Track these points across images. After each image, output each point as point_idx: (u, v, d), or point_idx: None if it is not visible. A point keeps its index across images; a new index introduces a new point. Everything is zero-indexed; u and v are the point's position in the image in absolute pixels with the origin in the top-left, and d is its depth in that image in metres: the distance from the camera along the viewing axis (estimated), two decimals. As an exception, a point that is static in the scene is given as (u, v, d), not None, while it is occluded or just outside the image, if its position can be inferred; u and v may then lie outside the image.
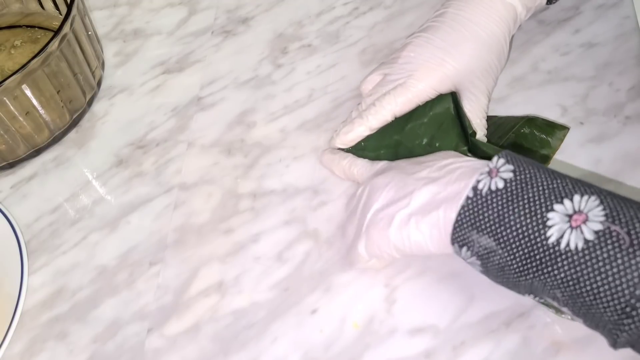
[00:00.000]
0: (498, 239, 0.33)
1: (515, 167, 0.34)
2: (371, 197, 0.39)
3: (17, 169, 0.50)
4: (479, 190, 0.34)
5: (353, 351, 0.38)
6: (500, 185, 0.33)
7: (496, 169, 0.34)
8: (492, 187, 0.33)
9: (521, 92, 0.47)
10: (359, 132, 0.44)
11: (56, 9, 0.55)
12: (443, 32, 0.44)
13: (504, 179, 0.33)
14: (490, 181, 0.34)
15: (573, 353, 0.36)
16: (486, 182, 0.34)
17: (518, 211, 0.32)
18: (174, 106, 0.52)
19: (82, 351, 0.41)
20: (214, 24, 0.58)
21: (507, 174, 0.33)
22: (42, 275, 0.44)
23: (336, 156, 0.45)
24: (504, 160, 0.34)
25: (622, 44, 0.48)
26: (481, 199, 0.33)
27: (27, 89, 0.46)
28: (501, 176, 0.34)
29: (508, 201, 0.33)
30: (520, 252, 0.32)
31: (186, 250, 0.44)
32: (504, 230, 0.32)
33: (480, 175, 0.34)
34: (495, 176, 0.34)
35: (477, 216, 0.33)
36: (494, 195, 0.33)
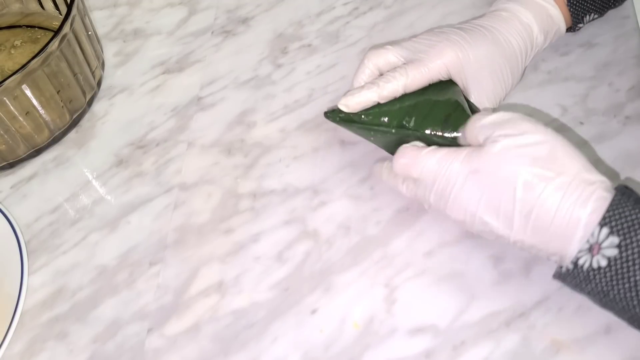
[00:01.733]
0: (603, 304, 0.32)
1: (620, 241, 0.31)
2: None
3: (17, 169, 0.50)
4: (579, 265, 0.32)
5: (353, 351, 0.38)
6: (603, 263, 0.31)
7: (598, 244, 0.31)
8: (593, 265, 0.31)
9: (521, 92, 0.47)
10: (367, 96, 0.42)
11: (56, 9, 0.55)
12: (462, 30, 0.44)
13: (607, 257, 0.31)
14: (592, 259, 0.31)
15: (573, 353, 0.36)
16: (587, 259, 0.32)
17: (624, 292, 0.31)
18: (174, 106, 0.52)
19: (82, 351, 0.41)
20: (214, 24, 0.58)
21: (611, 251, 0.31)
22: (42, 275, 0.44)
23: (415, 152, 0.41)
24: (608, 231, 0.31)
25: (622, 44, 0.48)
26: (582, 273, 0.32)
27: (27, 89, 0.46)
28: (604, 254, 0.31)
29: (612, 280, 0.31)
30: (628, 317, 0.32)
31: (186, 250, 0.44)
32: (609, 302, 0.32)
33: (579, 253, 0.32)
34: (597, 254, 0.31)
35: (579, 283, 0.33)
36: (596, 272, 0.31)
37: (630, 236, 0.31)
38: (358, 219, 0.43)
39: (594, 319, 0.36)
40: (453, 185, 0.36)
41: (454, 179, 0.36)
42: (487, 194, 0.35)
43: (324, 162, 0.46)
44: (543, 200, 0.33)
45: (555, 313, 0.37)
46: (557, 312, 0.37)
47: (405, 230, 0.42)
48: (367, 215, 0.43)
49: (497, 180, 0.35)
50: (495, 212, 0.35)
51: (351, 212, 0.44)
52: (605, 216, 0.31)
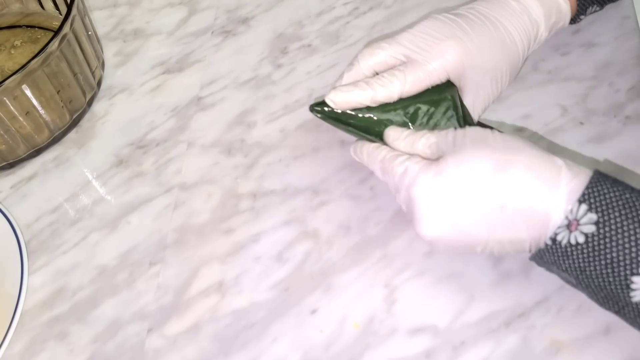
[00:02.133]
0: (579, 281, 0.32)
1: (599, 217, 0.31)
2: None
3: (17, 169, 0.50)
4: (557, 241, 0.32)
5: (353, 351, 0.38)
6: (581, 240, 0.31)
7: (576, 220, 0.31)
8: (571, 241, 0.32)
9: (521, 92, 0.47)
10: (358, 98, 0.40)
11: (56, 9, 0.55)
12: (467, 19, 0.41)
13: (584, 234, 0.31)
14: (570, 235, 0.31)
15: (573, 353, 0.36)
16: (565, 235, 0.32)
17: (600, 269, 0.31)
18: (174, 106, 0.52)
19: (82, 351, 0.41)
20: (214, 24, 0.58)
21: (589, 228, 0.31)
22: (42, 275, 0.44)
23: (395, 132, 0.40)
24: (586, 208, 0.31)
25: (622, 44, 0.48)
26: (560, 249, 0.32)
27: (27, 89, 0.46)
28: (582, 230, 0.31)
29: (589, 257, 0.31)
30: (602, 295, 0.32)
31: (186, 250, 0.44)
32: (586, 279, 0.32)
33: (558, 229, 0.32)
34: (575, 230, 0.31)
35: (557, 259, 0.33)
36: (573, 248, 0.31)
37: (609, 213, 0.31)
38: (358, 219, 0.43)
39: (594, 319, 0.36)
40: (417, 198, 0.36)
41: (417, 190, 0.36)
42: (456, 197, 0.34)
43: (324, 162, 0.46)
44: (515, 185, 0.33)
45: (555, 313, 0.37)
46: (557, 313, 0.37)
47: (405, 230, 0.42)
48: (367, 215, 0.43)
49: (464, 177, 0.34)
50: (468, 213, 0.34)
51: (351, 212, 0.44)
52: (585, 193, 0.32)
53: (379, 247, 0.42)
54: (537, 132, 0.45)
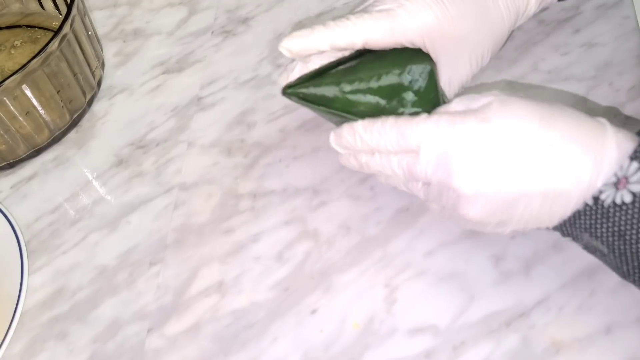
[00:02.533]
0: (613, 249, 0.30)
1: None
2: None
3: (17, 169, 0.50)
4: (601, 200, 0.30)
5: (353, 351, 0.38)
6: (628, 199, 0.29)
7: (625, 178, 0.29)
8: (616, 201, 0.29)
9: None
10: (315, 39, 0.36)
11: (56, 9, 0.55)
12: None
13: (632, 193, 0.29)
14: (616, 193, 0.29)
15: (573, 353, 0.36)
16: (610, 194, 0.29)
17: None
18: (174, 106, 0.52)
19: (82, 351, 0.41)
20: (214, 24, 0.58)
21: (638, 187, 0.29)
22: (42, 275, 0.44)
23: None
24: (638, 166, 0.29)
25: (622, 44, 0.48)
26: (602, 210, 0.30)
27: (27, 89, 0.46)
28: (630, 189, 0.29)
29: (633, 217, 0.29)
30: (635, 264, 0.30)
31: (186, 250, 0.44)
32: (623, 244, 0.30)
33: (603, 186, 0.30)
34: (623, 188, 0.29)
35: (594, 224, 0.30)
36: (617, 208, 0.29)
37: None
38: (358, 219, 0.43)
39: (595, 318, 0.36)
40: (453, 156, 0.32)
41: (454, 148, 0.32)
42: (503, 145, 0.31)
43: (324, 162, 0.46)
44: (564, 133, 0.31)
45: (556, 313, 0.37)
46: (558, 312, 0.37)
47: (405, 230, 0.42)
48: (367, 215, 0.43)
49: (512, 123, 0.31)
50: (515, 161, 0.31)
51: (351, 212, 0.44)
52: (637, 150, 0.30)
53: (379, 247, 0.42)
54: (537, 132, 0.45)
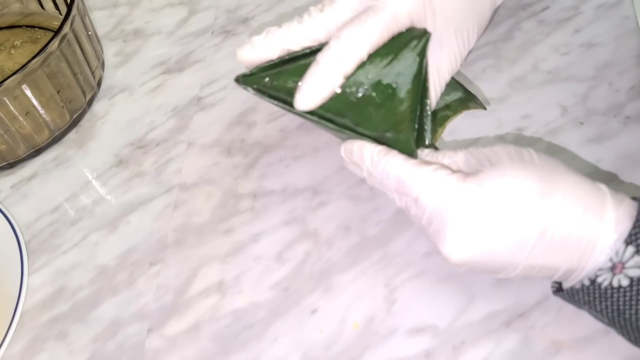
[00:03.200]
0: (614, 322, 0.30)
1: None
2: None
3: (17, 169, 0.50)
4: (598, 283, 0.30)
5: (353, 351, 0.38)
6: (625, 283, 0.29)
7: (622, 263, 0.29)
8: (614, 284, 0.29)
9: (521, 92, 0.47)
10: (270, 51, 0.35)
11: (56, 9, 0.55)
12: None
13: (629, 277, 0.29)
14: (613, 277, 0.29)
15: (573, 353, 0.36)
16: (607, 277, 0.29)
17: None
18: (174, 106, 0.52)
19: (82, 351, 0.41)
20: (214, 24, 0.58)
21: (635, 272, 0.28)
22: (42, 275, 0.44)
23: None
24: (634, 250, 0.28)
25: (622, 44, 0.48)
26: (599, 290, 0.30)
27: (27, 89, 0.46)
28: (627, 274, 0.29)
29: (632, 300, 0.29)
30: (637, 335, 0.30)
31: (186, 250, 0.44)
32: (623, 320, 0.30)
33: (599, 271, 0.29)
34: (619, 272, 0.29)
35: (592, 301, 0.30)
36: (615, 290, 0.29)
37: None
38: (358, 219, 0.43)
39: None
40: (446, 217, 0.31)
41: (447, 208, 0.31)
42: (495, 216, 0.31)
43: (324, 162, 0.46)
44: (559, 209, 0.30)
45: (555, 313, 0.37)
46: (557, 312, 0.37)
47: (405, 230, 0.42)
48: (367, 215, 0.43)
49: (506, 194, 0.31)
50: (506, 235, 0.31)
51: (351, 212, 0.43)
52: (632, 233, 0.29)
53: (379, 247, 0.42)
54: (537, 132, 0.45)
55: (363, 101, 0.35)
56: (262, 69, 0.38)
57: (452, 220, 0.31)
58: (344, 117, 0.36)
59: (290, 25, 0.36)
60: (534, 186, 0.30)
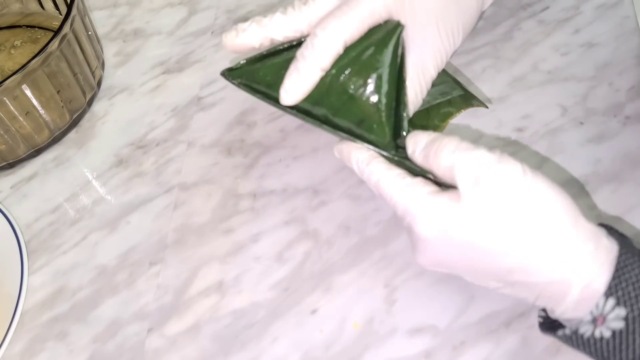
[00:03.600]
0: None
1: (628, 313, 0.28)
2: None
3: (17, 169, 0.50)
4: (579, 334, 0.29)
5: (353, 351, 0.38)
6: (607, 334, 0.28)
7: (602, 316, 0.28)
8: (596, 335, 0.29)
9: (521, 92, 0.47)
10: (254, 37, 0.36)
11: (56, 9, 0.55)
12: None
13: (611, 329, 0.28)
14: (595, 329, 0.29)
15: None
16: (589, 329, 0.29)
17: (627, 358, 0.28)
18: (174, 106, 0.52)
19: (82, 351, 0.41)
20: (214, 24, 0.58)
21: (617, 324, 0.28)
22: (42, 275, 0.44)
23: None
24: (614, 303, 0.28)
25: (622, 44, 0.48)
26: (582, 340, 0.29)
27: (27, 89, 0.46)
28: (609, 326, 0.28)
29: (615, 350, 0.28)
30: None
31: (186, 250, 0.44)
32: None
33: (580, 324, 0.29)
34: (601, 325, 0.28)
35: (577, 347, 0.30)
36: (597, 341, 0.29)
37: (638, 307, 0.28)
38: (358, 219, 0.43)
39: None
40: (421, 236, 0.32)
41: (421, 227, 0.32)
42: (466, 240, 0.31)
43: (324, 162, 0.46)
44: (532, 249, 0.29)
45: (555, 313, 0.37)
46: (557, 312, 0.37)
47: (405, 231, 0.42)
48: (367, 215, 0.43)
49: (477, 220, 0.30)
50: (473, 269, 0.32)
51: (351, 212, 0.44)
52: (611, 285, 0.28)
53: (379, 247, 0.42)
54: (537, 132, 0.45)
55: (337, 91, 0.36)
56: (246, 63, 0.39)
57: (422, 237, 0.32)
58: (321, 107, 0.37)
59: (274, 16, 0.37)
60: (507, 220, 0.29)
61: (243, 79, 0.40)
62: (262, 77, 0.38)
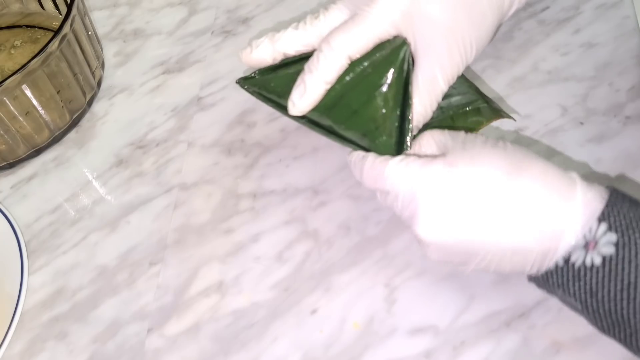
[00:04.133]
0: (586, 306, 0.30)
1: (618, 237, 0.29)
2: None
3: (17, 169, 0.50)
4: (571, 262, 0.30)
5: (353, 351, 0.38)
6: (597, 261, 0.29)
7: (595, 241, 0.29)
8: (586, 263, 0.29)
9: (521, 92, 0.47)
10: (268, 52, 0.38)
11: (56, 9, 0.55)
12: None
13: (602, 255, 0.29)
14: (586, 255, 0.29)
15: (573, 353, 0.36)
16: (580, 255, 0.30)
17: (614, 293, 0.29)
18: (174, 106, 0.52)
19: (82, 351, 0.41)
20: (214, 24, 0.58)
21: (608, 249, 0.29)
22: (42, 275, 0.44)
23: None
24: (606, 227, 0.29)
25: (622, 44, 0.48)
26: (572, 271, 0.30)
27: (27, 89, 0.46)
28: (600, 251, 0.29)
29: (604, 279, 0.29)
30: (609, 322, 0.30)
31: (186, 250, 0.44)
32: (595, 303, 0.30)
33: (572, 248, 0.30)
34: (592, 250, 0.29)
35: (566, 282, 0.31)
36: (588, 270, 0.29)
37: (629, 234, 0.29)
38: (358, 219, 0.43)
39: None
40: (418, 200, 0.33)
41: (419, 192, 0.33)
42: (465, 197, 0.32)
43: (324, 162, 0.46)
44: (529, 192, 0.31)
45: (556, 313, 0.37)
46: (558, 312, 0.37)
47: (405, 230, 0.42)
48: (367, 215, 0.43)
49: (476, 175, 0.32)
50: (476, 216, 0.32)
51: (351, 212, 0.44)
52: (604, 211, 0.30)
53: (379, 247, 0.42)
54: (537, 132, 0.45)
55: (341, 105, 0.38)
56: (260, 73, 0.42)
57: (423, 201, 0.33)
58: (327, 119, 0.39)
59: (286, 31, 0.40)
60: (502, 169, 0.32)
61: (256, 88, 0.43)
62: (274, 87, 0.41)
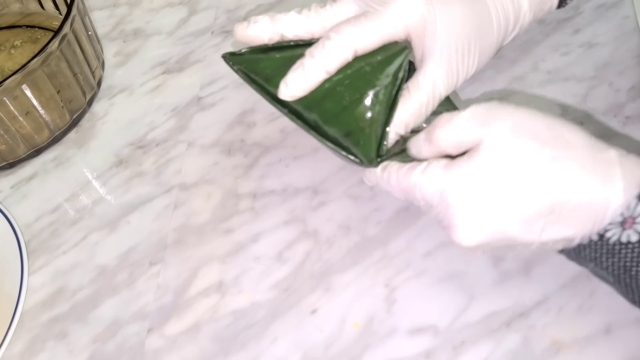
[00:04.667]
0: (619, 280, 0.30)
1: None
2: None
3: (17, 169, 0.50)
4: (606, 238, 0.29)
5: (353, 351, 0.38)
6: (634, 238, 0.29)
7: (632, 218, 0.29)
8: (622, 239, 0.29)
9: (521, 92, 0.47)
10: (266, 31, 0.37)
11: (56, 9, 0.55)
12: None
13: (639, 232, 0.29)
14: (622, 232, 0.29)
15: (573, 353, 0.36)
16: (616, 232, 0.29)
17: None
18: (174, 106, 0.52)
19: (82, 351, 0.41)
20: (214, 24, 0.58)
21: None
22: (42, 275, 0.44)
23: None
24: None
25: (622, 44, 0.48)
26: (607, 246, 0.30)
27: (27, 89, 0.46)
28: (637, 229, 0.29)
29: (639, 256, 0.29)
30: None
31: (186, 250, 0.44)
32: (629, 278, 0.29)
33: (609, 225, 0.29)
34: (629, 227, 0.29)
35: (599, 257, 0.30)
36: (623, 246, 0.29)
37: None
38: (358, 219, 0.43)
39: (595, 319, 0.36)
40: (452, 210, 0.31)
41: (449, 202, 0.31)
42: (499, 194, 0.30)
43: (324, 162, 0.46)
44: (568, 181, 0.30)
45: (556, 313, 0.37)
46: (557, 312, 0.37)
47: (405, 230, 0.42)
48: (367, 215, 0.43)
49: (506, 170, 0.30)
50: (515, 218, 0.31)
51: (351, 212, 0.44)
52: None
53: (379, 247, 0.42)
54: (537, 132, 0.45)
55: (332, 99, 0.37)
56: (249, 51, 0.40)
57: (455, 207, 0.31)
58: (313, 112, 0.37)
59: (289, 14, 0.38)
60: (535, 159, 0.30)
61: (243, 67, 0.40)
62: (262, 69, 0.39)
